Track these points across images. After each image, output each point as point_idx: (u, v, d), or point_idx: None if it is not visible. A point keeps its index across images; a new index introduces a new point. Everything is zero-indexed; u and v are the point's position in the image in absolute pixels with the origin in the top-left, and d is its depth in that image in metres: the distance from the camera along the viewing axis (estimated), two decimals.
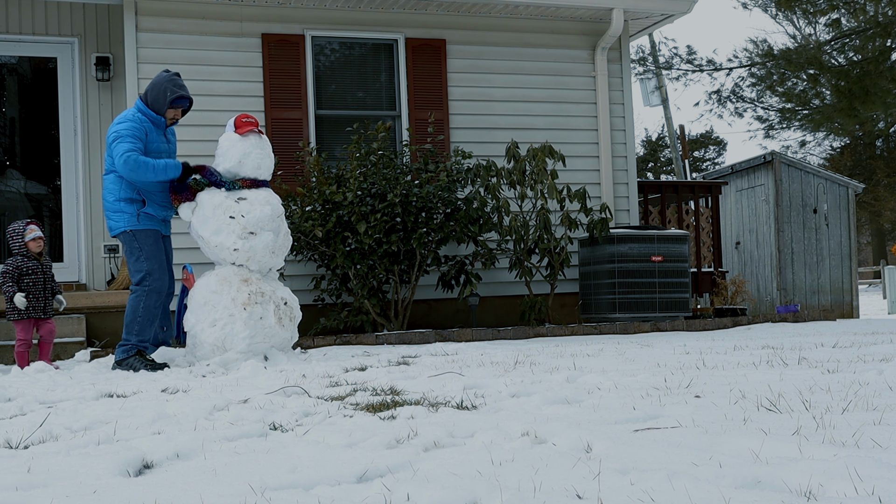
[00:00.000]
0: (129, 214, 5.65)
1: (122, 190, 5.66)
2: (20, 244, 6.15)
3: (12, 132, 8.77)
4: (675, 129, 18.66)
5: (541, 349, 5.62)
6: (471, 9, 8.62)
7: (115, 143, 5.59)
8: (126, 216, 5.65)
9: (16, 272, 6.06)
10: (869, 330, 6.54)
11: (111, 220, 5.70)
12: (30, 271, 6.12)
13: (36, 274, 6.15)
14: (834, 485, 1.73)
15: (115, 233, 5.71)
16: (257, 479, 1.98)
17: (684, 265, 8.06)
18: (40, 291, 6.16)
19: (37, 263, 6.18)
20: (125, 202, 5.66)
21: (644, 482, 1.82)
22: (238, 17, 8.10)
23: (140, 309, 5.60)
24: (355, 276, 7.40)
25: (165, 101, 5.77)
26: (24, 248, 6.14)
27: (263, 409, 3.24)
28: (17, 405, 3.57)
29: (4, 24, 8.24)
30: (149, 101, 5.77)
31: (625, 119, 9.17)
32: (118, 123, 5.68)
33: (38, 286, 6.15)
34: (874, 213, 29.53)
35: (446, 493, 1.77)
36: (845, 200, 12.32)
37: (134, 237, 5.64)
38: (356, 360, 5.29)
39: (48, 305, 6.23)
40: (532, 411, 2.93)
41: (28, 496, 1.92)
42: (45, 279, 6.20)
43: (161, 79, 5.80)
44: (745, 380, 3.44)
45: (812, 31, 21.62)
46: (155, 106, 5.76)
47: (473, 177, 7.85)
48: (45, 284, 6.21)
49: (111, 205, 5.68)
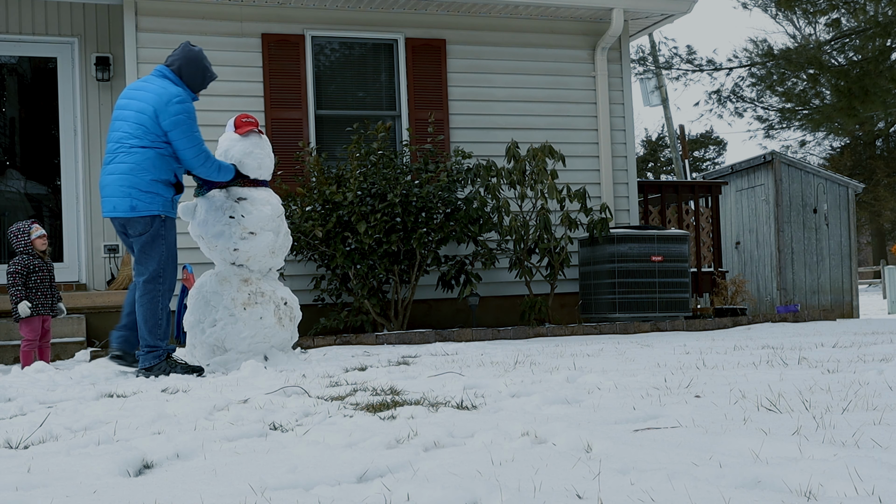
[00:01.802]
0: (164, 198, 5.13)
1: (162, 170, 5.12)
2: (25, 242, 6.17)
3: (12, 132, 8.77)
4: (675, 129, 18.66)
5: (541, 349, 5.62)
6: (471, 9, 8.62)
7: (181, 124, 5.09)
8: (161, 199, 5.11)
9: (24, 270, 6.09)
10: (869, 330, 6.54)
11: (139, 199, 5.04)
12: (37, 269, 6.16)
13: (42, 272, 6.19)
14: (834, 485, 1.73)
15: (139, 214, 5.06)
16: (257, 479, 1.98)
17: (684, 265, 8.06)
18: (47, 289, 6.21)
19: (42, 262, 6.22)
20: (163, 184, 5.13)
21: (644, 482, 1.82)
22: (238, 17, 8.10)
23: (158, 310, 5.13)
24: (355, 276, 7.40)
25: (204, 81, 5.36)
26: (29, 247, 6.17)
27: (263, 409, 3.24)
28: (17, 405, 3.57)
29: (4, 24, 8.24)
30: (183, 76, 5.26)
31: (625, 119, 9.17)
32: (180, 102, 5.11)
33: (45, 284, 6.20)
34: (874, 213, 29.52)
35: (446, 493, 1.77)
36: (845, 200, 12.32)
37: (164, 224, 5.15)
38: (356, 360, 5.29)
39: (54, 303, 6.29)
40: (532, 411, 2.93)
41: (28, 496, 1.92)
42: (50, 277, 6.26)
43: (195, 54, 5.30)
44: (745, 380, 3.44)
45: (812, 31, 21.62)
46: (191, 83, 5.29)
47: (473, 177, 7.85)
48: (51, 283, 6.26)
49: (146, 184, 5.05)
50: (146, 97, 5.17)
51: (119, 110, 5.25)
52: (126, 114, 5.19)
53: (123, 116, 5.19)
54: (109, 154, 5.19)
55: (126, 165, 5.08)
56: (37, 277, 6.15)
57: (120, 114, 5.23)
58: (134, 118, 5.13)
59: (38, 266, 6.17)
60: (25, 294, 6.09)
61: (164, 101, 5.11)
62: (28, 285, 6.11)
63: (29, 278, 6.12)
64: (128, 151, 5.09)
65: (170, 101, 5.12)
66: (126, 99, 5.26)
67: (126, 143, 5.11)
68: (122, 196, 5.07)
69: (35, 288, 6.13)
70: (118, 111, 5.25)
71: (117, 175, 5.10)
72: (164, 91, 5.16)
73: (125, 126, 5.15)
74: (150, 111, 5.11)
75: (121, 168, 5.09)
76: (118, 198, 5.09)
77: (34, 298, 6.12)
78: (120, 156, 5.11)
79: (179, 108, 5.12)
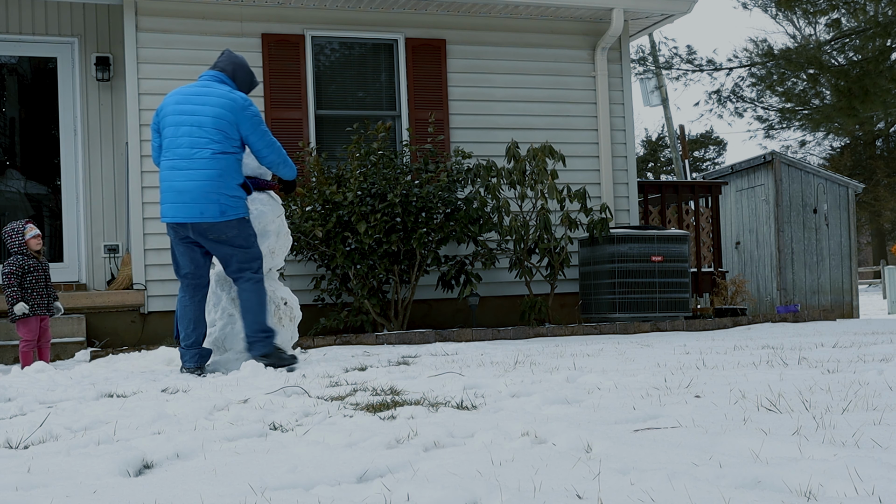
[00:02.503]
0: (244, 200, 5.26)
1: (241, 174, 5.28)
2: (20, 242, 6.17)
3: (12, 132, 8.77)
4: (675, 129, 18.66)
5: (541, 349, 5.62)
6: (471, 9, 8.62)
7: (260, 127, 5.23)
8: (242, 202, 5.24)
9: (19, 271, 6.10)
10: (869, 330, 6.54)
11: (227, 204, 5.13)
12: (32, 269, 6.16)
13: (38, 272, 6.20)
14: (834, 485, 1.73)
15: (228, 218, 5.15)
16: (257, 479, 1.98)
17: (684, 265, 8.06)
18: (43, 289, 6.21)
19: (37, 262, 6.22)
20: (242, 188, 5.27)
21: (644, 482, 1.82)
22: (238, 17, 8.10)
23: (263, 296, 5.28)
24: (355, 276, 7.40)
25: (251, 87, 5.45)
26: (24, 247, 6.17)
27: (263, 409, 3.24)
28: (17, 405, 3.57)
29: (4, 24, 8.24)
30: (237, 81, 5.36)
31: (625, 119, 9.17)
32: (249, 106, 5.23)
33: (41, 283, 6.20)
34: (874, 213, 29.53)
35: (446, 493, 1.77)
36: (845, 200, 12.31)
37: (248, 223, 5.29)
38: (356, 360, 5.29)
39: (50, 303, 6.29)
40: (532, 411, 2.93)
41: (28, 496, 1.92)
42: (45, 277, 6.26)
43: (243, 59, 5.43)
44: (745, 380, 3.44)
45: (812, 31, 21.62)
46: (242, 88, 5.38)
47: (473, 177, 7.85)
48: (47, 282, 6.27)
49: (233, 188, 5.17)
50: (220, 103, 5.20)
51: (184, 115, 5.18)
52: (200, 119, 5.16)
53: (196, 122, 5.16)
54: (183, 160, 5.14)
55: (213, 172, 5.13)
56: (32, 277, 6.15)
57: (188, 119, 5.17)
58: (212, 124, 5.15)
59: (33, 266, 6.17)
60: (22, 294, 6.09)
61: (240, 108, 5.21)
62: (24, 285, 6.11)
63: (24, 278, 6.12)
64: (211, 158, 5.13)
65: (244, 106, 5.22)
66: (192, 105, 5.20)
67: (207, 149, 5.13)
68: (210, 202, 5.11)
69: (31, 288, 6.13)
70: (184, 116, 5.18)
71: (203, 182, 5.12)
72: (236, 96, 5.24)
73: (201, 132, 5.15)
74: (229, 118, 5.18)
75: (206, 174, 5.12)
76: (205, 204, 5.12)
77: (30, 298, 6.13)
78: (201, 162, 5.13)
79: (254, 111, 5.26)
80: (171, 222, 5.20)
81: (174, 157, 5.17)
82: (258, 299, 5.24)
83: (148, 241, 7.67)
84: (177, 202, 5.15)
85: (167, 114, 5.24)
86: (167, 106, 5.26)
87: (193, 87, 5.33)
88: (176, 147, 5.17)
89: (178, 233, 5.24)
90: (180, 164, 5.16)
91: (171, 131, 5.20)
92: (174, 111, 5.22)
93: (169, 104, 5.26)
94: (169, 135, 5.21)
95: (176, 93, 5.33)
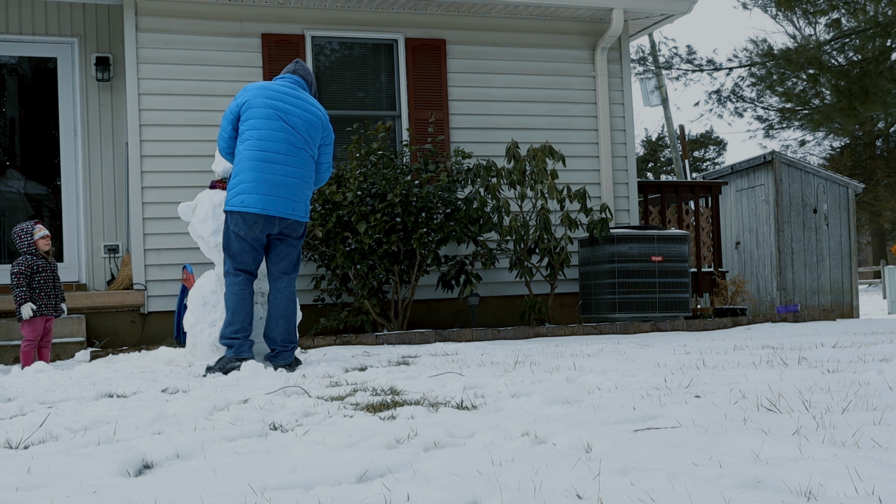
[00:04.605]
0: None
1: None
2: (29, 242, 6.19)
3: (12, 132, 8.77)
4: (675, 129, 18.66)
5: (541, 349, 5.62)
6: (471, 9, 8.62)
7: (332, 146, 5.40)
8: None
9: (28, 271, 6.11)
10: (869, 330, 6.54)
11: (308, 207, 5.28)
12: (41, 269, 6.17)
13: (46, 272, 6.21)
14: (834, 485, 1.73)
15: (307, 220, 5.26)
16: (257, 479, 1.98)
17: (684, 265, 8.06)
18: (51, 290, 6.22)
19: (46, 262, 6.23)
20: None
21: (644, 482, 1.82)
22: (238, 17, 8.10)
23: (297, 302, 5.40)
24: (355, 276, 7.40)
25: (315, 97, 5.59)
26: (32, 247, 6.18)
27: (263, 409, 3.24)
28: (17, 405, 3.57)
29: (4, 24, 8.24)
30: (311, 90, 5.45)
31: (625, 119, 9.17)
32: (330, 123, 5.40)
33: (49, 284, 6.22)
34: (874, 213, 29.51)
35: (446, 493, 1.77)
36: (845, 200, 12.31)
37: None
38: (356, 360, 5.29)
39: (58, 304, 6.30)
40: (532, 411, 2.93)
41: (28, 496, 1.92)
42: (53, 277, 6.27)
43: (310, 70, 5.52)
44: (745, 380, 3.44)
45: (812, 31, 21.62)
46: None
47: (473, 177, 7.85)
48: (55, 283, 6.27)
49: (311, 193, 5.35)
50: (314, 111, 5.27)
51: (280, 112, 5.13)
52: (295, 121, 5.15)
53: (292, 122, 5.14)
54: (280, 154, 5.09)
55: (305, 172, 5.20)
56: (40, 278, 6.17)
57: (284, 116, 5.13)
58: (305, 129, 5.19)
59: (41, 266, 6.19)
60: (30, 295, 6.10)
61: (327, 123, 5.36)
62: (32, 286, 6.13)
63: (32, 279, 6.14)
64: (307, 160, 5.22)
65: (328, 124, 5.37)
66: (286, 105, 5.17)
67: (302, 149, 5.17)
68: (303, 200, 5.19)
69: (39, 288, 6.15)
70: (279, 112, 5.13)
71: (301, 180, 5.18)
72: (324, 112, 5.37)
73: (296, 133, 5.16)
74: (320, 126, 5.29)
75: (302, 174, 5.18)
76: (299, 202, 5.16)
77: (38, 299, 6.14)
78: (298, 160, 5.15)
79: (328, 127, 5.39)
80: (263, 214, 5.05)
81: (269, 150, 5.07)
82: (295, 305, 5.30)
83: (148, 242, 7.67)
84: (271, 195, 5.05)
85: (256, 105, 5.13)
86: (255, 98, 5.15)
87: (282, 86, 5.28)
88: (272, 140, 5.08)
89: (256, 227, 5.07)
90: (277, 158, 5.08)
91: (264, 123, 5.10)
92: (266, 104, 5.13)
93: (257, 97, 5.16)
94: (261, 126, 5.09)
95: (262, 87, 5.24)
